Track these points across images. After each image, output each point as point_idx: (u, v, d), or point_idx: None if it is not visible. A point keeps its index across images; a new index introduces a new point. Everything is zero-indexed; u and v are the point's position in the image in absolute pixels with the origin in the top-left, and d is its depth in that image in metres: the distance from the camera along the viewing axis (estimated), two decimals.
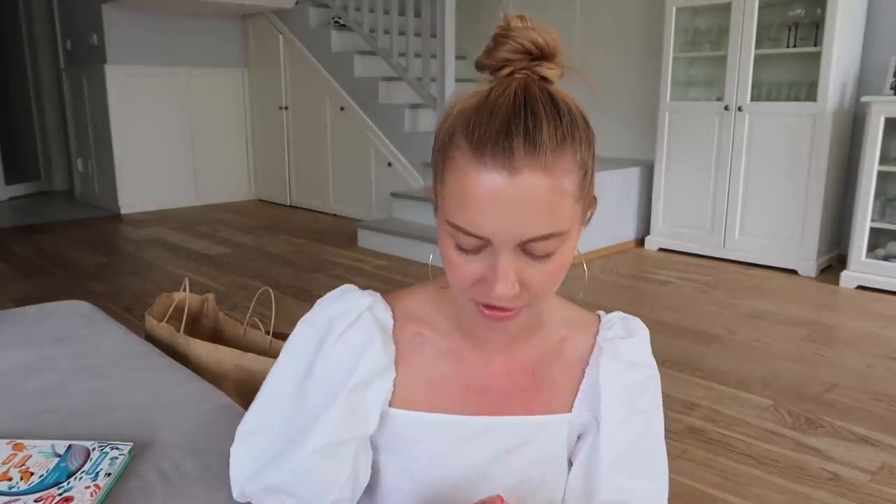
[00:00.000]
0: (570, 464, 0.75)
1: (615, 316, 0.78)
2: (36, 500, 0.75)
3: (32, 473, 0.80)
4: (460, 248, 0.61)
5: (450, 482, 0.71)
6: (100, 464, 0.82)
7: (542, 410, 0.73)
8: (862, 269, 3.40)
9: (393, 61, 4.65)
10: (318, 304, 0.75)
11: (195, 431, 0.95)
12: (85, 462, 0.82)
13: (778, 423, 2.05)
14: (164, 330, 1.41)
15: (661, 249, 4.22)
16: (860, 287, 3.42)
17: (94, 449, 0.85)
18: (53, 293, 3.23)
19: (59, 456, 0.83)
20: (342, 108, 5.13)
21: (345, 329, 0.71)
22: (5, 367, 1.15)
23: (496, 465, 0.72)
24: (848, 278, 3.44)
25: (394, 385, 0.71)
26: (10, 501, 0.75)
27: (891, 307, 3.16)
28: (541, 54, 0.61)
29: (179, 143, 5.70)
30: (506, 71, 0.62)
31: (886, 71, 3.38)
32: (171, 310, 1.49)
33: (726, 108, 3.78)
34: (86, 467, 0.81)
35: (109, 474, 0.80)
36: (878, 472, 1.79)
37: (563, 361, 0.75)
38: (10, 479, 0.79)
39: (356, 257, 4.06)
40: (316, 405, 0.70)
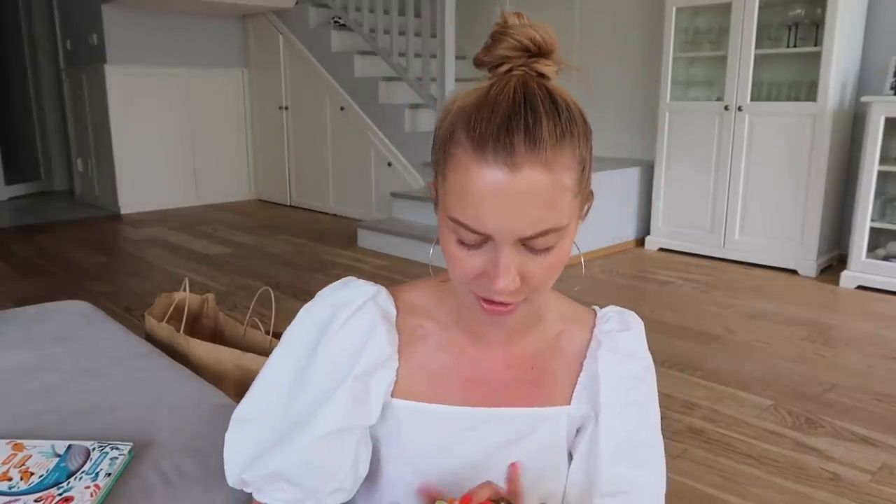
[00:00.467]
0: (570, 457, 0.76)
1: (610, 310, 0.80)
2: (36, 500, 0.75)
3: (32, 473, 0.80)
4: (461, 243, 0.62)
5: (450, 473, 0.72)
6: (100, 464, 0.82)
7: (542, 402, 0.74)
8: (862, 269, 3.40)
9: (393, 61, 4.65)
10: (320, 294, 0.75)
11: (195, 431, 0.94)
12: (85, 462, 0.82)
13: (778, 423, 2.04)
14: (164, 330, 1.42)
15: (661, 249, 4.22)
16: (860, 287, 3.42)
17: (94, 449, 0.85)
18: (53, 293, 3.23)
19: (59, 456, 0.83)
20: (342, 108, 5.13)
21: (349, 317, 0.72)
22: (5, 367, 1.15)
23: (496, 456, 0.72)
24: (848, 278, 3.44)
25: (396, 375, 0.72)
26: (10, 501, 0.75)
27: (891, 307, 3.15)
28: (538, 51, 0.62)
29: (179, 143, 5.70)
30: (504, 68, 0.62)
31: (886, 71, 3.38)
32: (171, 310, 1.49)
33: (726, 108, 3.78)
34: (86, 467, 0.81)
35: (109, 474, 0.80)
36: (878, 472, 1.79)
37: (561, 355, 0.76)
38: (10, 479, 0.79)
39: (356, 257, 4.06)
40: (318, 392, 0.70)
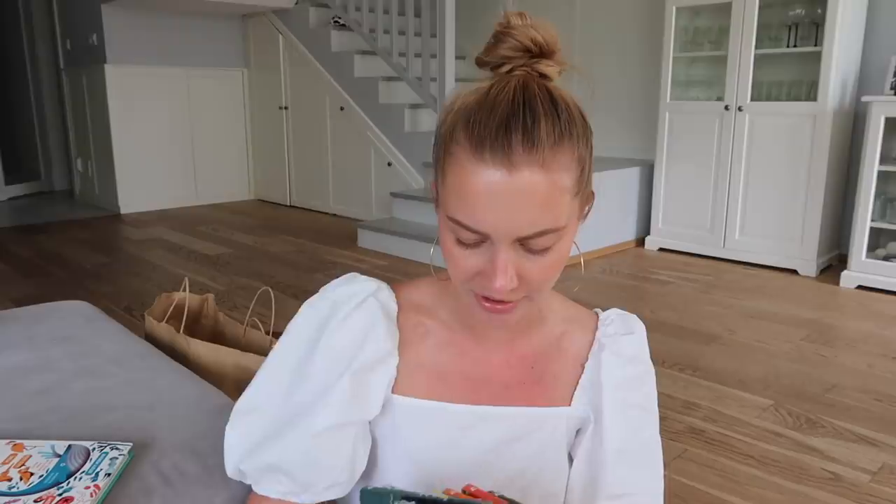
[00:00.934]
0: (570, 458, 0.76)
1: (612, 313, 0.80)
2: (36, 501, 0.75)
3: (32, 474, 0.80)
4: (460, 242, 0.63)
5: (450, 471, 0.72)
6: (100, 464, 0.82)
7: (542, 402, 0.74)
8: (862, 268, 3.40)
9: (393, 61, 4.65)
10: (324, 289, 0.75)
11: (195, 431, 0.94)
12: (85, 462, 0.82)
13: (778, 424, 2.04)
14: (164, 330, 1.41)
15: (662, 249, 4.22)
16: (860, 287, 3.42)
17: (94, 449, 0.85)
18: (53, 293, 3.23)
19: (58, 456, 0.83)
20: (342, 108, 5.13)
21: (350, 311, 0.72)
22: (5, 367, 1.15)
23: (496, 454, 0.72)
24: (848, 278, 3.44)
25: (396, 371, 0.72)
26: (10, 501, 0.75)
27: (891, 307, 3.15)
28: (540, 52, 0.62)
29: (179, 143, 5.70)
30: (505, 68, 0.63)
31: (886, 71, 3.38)
32: (171, 310, 1.49)
33: (726, 108, 3.78)
34: (86, 467, 0.81)
35: (109, 474, 0.80)
36: (878, 472, 1.79)
37: (562, 356, 0.76)
38: (10, 480, 0.78)
39: (356, 257, 4.06)
40: (318, 385, 0.70)
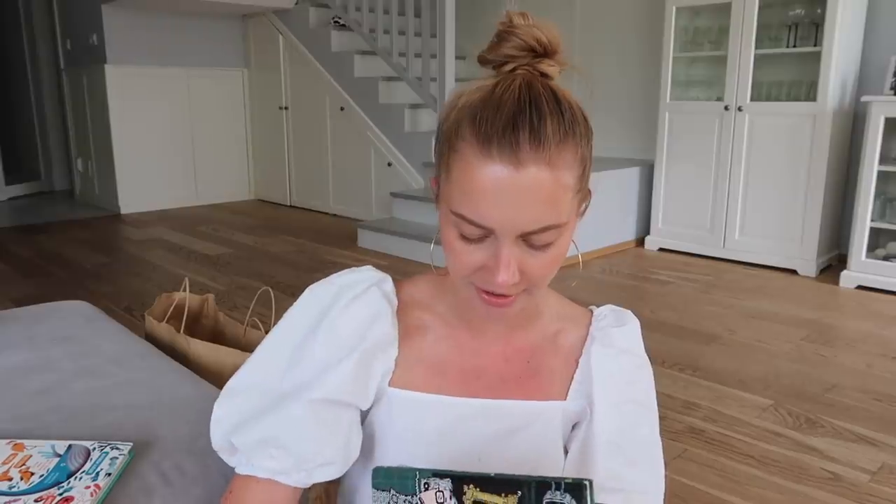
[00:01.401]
0: (566, 452, 0.76)
1: (606, 308, 0.81)
2: (36, 500, 0.75)
3: (32, 473, 0.80)
4: (463, 237, 0.63)
5: (446, 464, 0.72)
6: (100, 464, 0.82)
7: (538, 396, 0.74)
8: (862, 268, 3.40)
9: (393, 61, 4.65)
10: (327, 277, 0.75)
11: (195, 431, 0.94)
12: (85, 462, 0.82)
13: (778, 423, 2.04)
14: (164, 330, 1.42)
15: (662, 249, 4.22)
16: (860, 287, 3.41)
17: (94, 449, 0.85)
18: (53, 293, 3.23)
19: (59, 456, 0.83)
20: (342, 108, 5.13)
21: (355, 297, 0.72)
22: (5, 367, 1.15)
23: (492, 448, 0.73)
24: (848, 278, 3.44)
25: (395, 364, 0.72)
26: (10, 501, 0.75)
27: (891, 307, 3.15)
28: (543, 51, 0.63)
29: (179, 143, 5.70)
30: (508, 67, 0.63)
31: (886, 71, 3.38)
32: (171, 310, 1.49)
33: (726, 108, 3.78)
34: (86, 467, 0.81)
35: (109, 474, 0.80)
36: (878, 472, 1.79)
37: (558, 351, 0.76)
38: (10, 479, 0.79)
39: (356, 257, 4.06)
40: (318, 364, 0.69)
